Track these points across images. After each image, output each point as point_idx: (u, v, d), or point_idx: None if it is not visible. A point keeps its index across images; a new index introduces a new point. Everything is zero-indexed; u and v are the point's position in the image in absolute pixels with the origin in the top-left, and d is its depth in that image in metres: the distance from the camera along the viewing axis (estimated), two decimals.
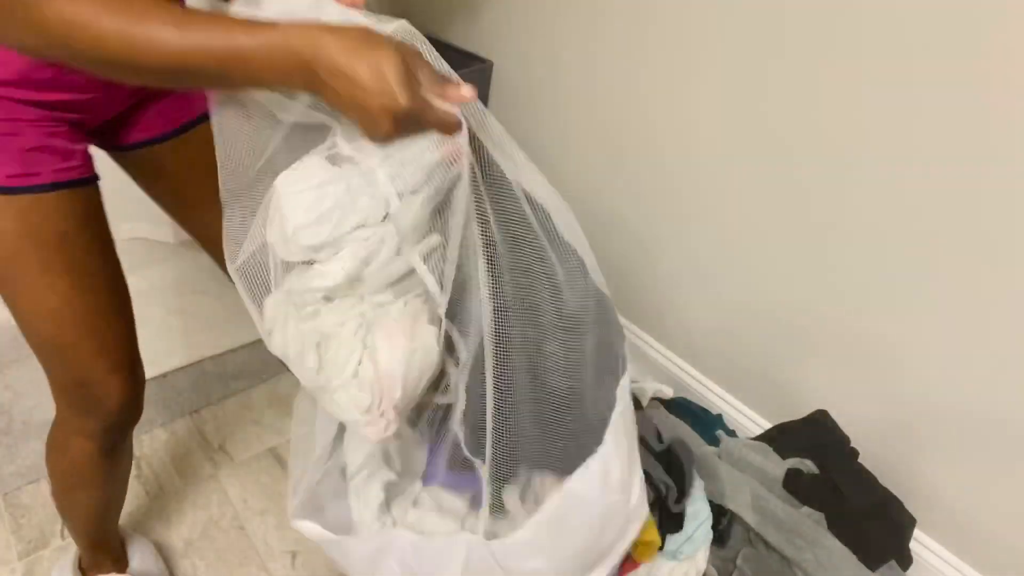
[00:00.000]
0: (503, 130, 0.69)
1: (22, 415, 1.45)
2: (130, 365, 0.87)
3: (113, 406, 0.86)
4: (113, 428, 0.90)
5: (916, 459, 1.20)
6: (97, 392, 0.84)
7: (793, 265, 1.25)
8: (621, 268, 1.61)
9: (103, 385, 0.84)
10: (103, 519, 1.07)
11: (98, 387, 0.84)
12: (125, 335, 0.87)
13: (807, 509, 1.18)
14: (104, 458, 0.93)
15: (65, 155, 0.76)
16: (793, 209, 1.21)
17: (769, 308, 1.33)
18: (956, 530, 1.19)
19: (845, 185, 1.12)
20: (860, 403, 1.25)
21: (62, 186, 0.76)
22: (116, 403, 0.86)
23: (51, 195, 0.75)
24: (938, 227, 1.04)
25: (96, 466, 0.94)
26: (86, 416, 0.88)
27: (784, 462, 1.24)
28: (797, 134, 1.15)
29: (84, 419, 0.88)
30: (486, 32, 1.66)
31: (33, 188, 0.74)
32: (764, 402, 1.44)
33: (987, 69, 0.92)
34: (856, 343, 1.21)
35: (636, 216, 1.51)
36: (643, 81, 1.36)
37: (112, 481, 1.01)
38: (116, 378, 0.85)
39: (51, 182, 0.75)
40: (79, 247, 0.78)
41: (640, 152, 1.43)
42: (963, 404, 1.10)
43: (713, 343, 1.48)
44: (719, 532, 1.14)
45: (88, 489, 0.98)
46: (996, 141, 0.94)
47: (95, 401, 0.85)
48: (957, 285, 1.04)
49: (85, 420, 0.88)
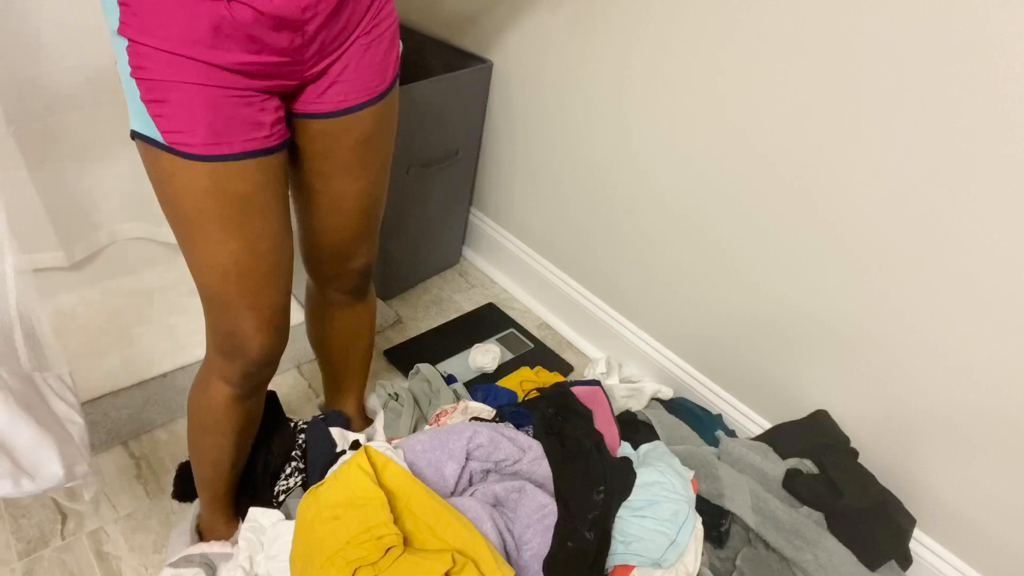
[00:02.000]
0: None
1: None
2: (277, 325, 0.96)
3: (253, 357, 0.95)
4: (250, 376, 0.98)
5: (916, 459, 1.20)
6: (241, 343, 0.93)
7: (793, 265, 1.25)
8: (621, 267, 1.61)
9: (248, 338, 0.93)
10: (227, 472, 1.13)
11: (243, 339, 0.93)
12: (278, 299, 0.94)
13: (807, 509, 1.18)
14: (237, 404, 1.02)
15: (256, 125, 0.81)
16: (793, 209, 1.21)
17: (769, 308, 1.33)
18: (956, 530, 1.19)
19: (845, 185, 1.12)
20: (860, 403, 1.25)
21: (249, 155, 0.81)
22: (256, 356, 0.95)
23: (239, 163, 0.80)
24: (938, 227, 1.04)
25: (231, 411, 1.02)
26: (228, 361, 0.96)
27: (784, 462, 1.24)
28: (797, 135, 1.15)
29: (227, 363, 0.97)
30: (486, 32, 1.66)
31: (224, 157, 0.79)
32: (764, 402, 1.44)
33: (988, 70, 0.92)
34: (856, 343, 1.21)
35: (636, 215, 1.51)
36: (642, 81, 1.36)
37: (240, 432, 1.07)
38: (261, 335, 0.93)
39: (240, 151, 0.80)
40: (256, 210, 0.85)
41: (640, 151, 1.43)
42: (963, 404, 1.10)
43: (713, 343, 1.48)
44: (719, 533, 1.14)
45: (217, 435, 1.06)
46: (996, 141, 0.94)
47: (238, 350, 0.94)
48: (957, 285, 1.04)
49: (227, 364, 0.97)
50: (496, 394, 1.37)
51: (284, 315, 0.97)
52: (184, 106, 0.76)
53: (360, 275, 1.14)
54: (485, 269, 2.02)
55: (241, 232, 0.85)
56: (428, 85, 1.53)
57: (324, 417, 1.30)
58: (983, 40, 0.91)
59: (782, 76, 1.14)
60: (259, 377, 1.01)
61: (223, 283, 0.88)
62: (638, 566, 1.02)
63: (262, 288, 0.90)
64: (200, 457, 1.12)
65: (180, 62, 0.73)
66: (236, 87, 0.78)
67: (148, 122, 0.77)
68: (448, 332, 1.78)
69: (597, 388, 1.31)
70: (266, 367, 0.99)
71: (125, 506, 1.32)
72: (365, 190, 1.01)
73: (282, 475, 1.26)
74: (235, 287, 0.88)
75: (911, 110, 1.00)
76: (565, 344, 1.80)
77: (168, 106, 0.76)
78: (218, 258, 0.85)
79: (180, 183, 0.80)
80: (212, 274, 0.87)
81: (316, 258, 1.11)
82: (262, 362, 0.97)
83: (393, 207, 1.68)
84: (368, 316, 1.28)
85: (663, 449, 1.19)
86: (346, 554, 0.88)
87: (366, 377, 1.39)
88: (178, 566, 1.09)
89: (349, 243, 1.07)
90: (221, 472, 1.13)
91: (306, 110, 0.90)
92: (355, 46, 0.87)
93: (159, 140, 0.78)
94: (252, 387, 1.02)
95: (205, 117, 0.77)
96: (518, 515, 1.02)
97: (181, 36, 0.72)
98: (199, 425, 1.07)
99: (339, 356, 1.33)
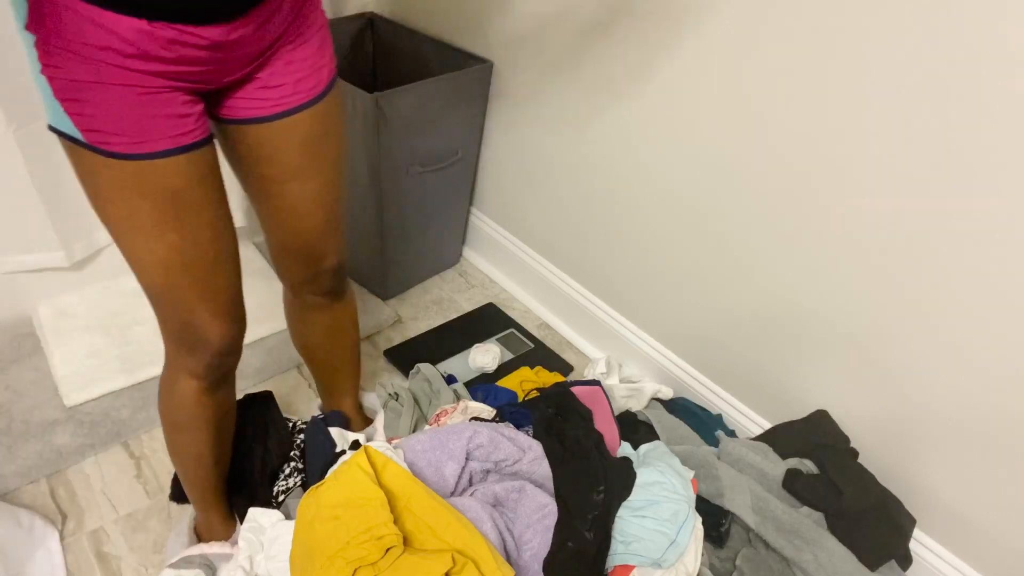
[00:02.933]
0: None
1: (22, 415, 1.45)
2: (232, 312, 0.95)
3: (214, 347, 0.94)
4: (214, 367, 0.98)
5: (916, 459, 1.20)
6: (200, 334, 0.92)
7: (793, 266, 1.25)
8: (621, 267, 1.61)
9: (205, 328, 0.92)
10: (210, 469, 1.12)
11: (201, 329, 0.92)
12: (229, 284, 0.93)
13: (807, 509, 1.18)
14: (207, 396, 1.01)
15: (179, 120, 0.78)
16: (794, 210, 1.21)
17: (769, 308, 1.33)
18: (956, 530, 1.19)
19: (847, 187, 1.12)
20: (860, 403, 1.25)
21: (175, 151, 0.79)
22: (216, 345, 0.94)
23: (166, 160, 0.78)
24: (938, 227, 1.04)
25: (201, 405, 1.02)
26: (190, 355, 0.95)
27: (784, 462, 1.24)
28: (797, 136, 1.15)
29: (188, 358, 0.96)
30: (486, 32, 1.66)
31: (148, 155, 0.77)
32: (764, 402, 1.44)
33: (987, 70, 0.92)
34: (856, 343, 1.21)
35: (636, 215, 1.51)
36: (642, 81, 1.36)
37: (215, 425, 1.07)
38: (218, 322, 0.92)
39: (164, 149, 0.78)
40: (190, 203, 0.83)
41: (639, 151, 1.43)
42: (963, 404, 1.10)
43: (713, 343, 1.48)
44: (719, 533, 1.14)
45: (194, 431, 1.05)
46: (995, 142, 0.94)
47: (198, 341, 0.93)
48: (958, 285, 1.04)
49: (189, 358, 0.96)
50: (496, 394, 1.37)
51: (238, 301, 0.97)
52: (102, 105, 0.73)
53: (333, 275, 1.13)
54: (485, 269, 2.02)
55: (178, 225, 0.83)
56: (428, 85, 1.53)
57: (323, 417, 1.30)
58: (993, 35, 0.91)
59: (786, 72, 1.13)
60: (224, 367, 1.00)
61: (168, 276, 0.86)
62: (638, 566, 1.02)
63: (211, 276, 0.89)
64: (181, 458, 1.11)
65: (95, 64, 0.71)
66: (156, 86, 0.75)
67: (65, 119, 0.74)
68: (448, 332, 1.78)
69: (597, 388, 1.31)
70: (229, 356, 0.99)
71: (125, 506, 1.32)
72: (320, 189, 1.00)
73: (281, 475, 1.26)
74: (183, 278, 0.87)
75: (918, 105, 1.00)
76: (565, 344, 1.80)
77: (86, 105, 0.73)
78: (158, 252, 0.83)
79: (107, 182, 0.78)
80: (155, 269, 0.85)
81: (286, 264, 1.11)
82: (224, 351, 0.96)
83: (393, 207, 1.68)
84: (349, 314, 1.26)
85: (663, 449, 1.19)
86: (346, 554, 0.88)
87: (358, 375, 1.39)
88: (178, 567, 1.09)
89: (315, 244, 1.06)
90: (205, 469, 1.12)
91: (242, 116, 0.89)
92: (282, 52, 0.86)
93: (80, 139, 0.75)
94: (219, 377, 1.01)
95: (127, 116, 0.74)
96: (518, 515, 1.02)
97: (97, 43, 0.69)
98: (173, 425, 1.06)
99: (326, 358, 1.32)
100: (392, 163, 1.58)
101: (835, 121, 1.09)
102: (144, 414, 1.47)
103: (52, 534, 1.24)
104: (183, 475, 1.15)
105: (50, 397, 1.49)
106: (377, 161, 1.54)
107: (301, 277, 1.12)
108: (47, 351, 1.57)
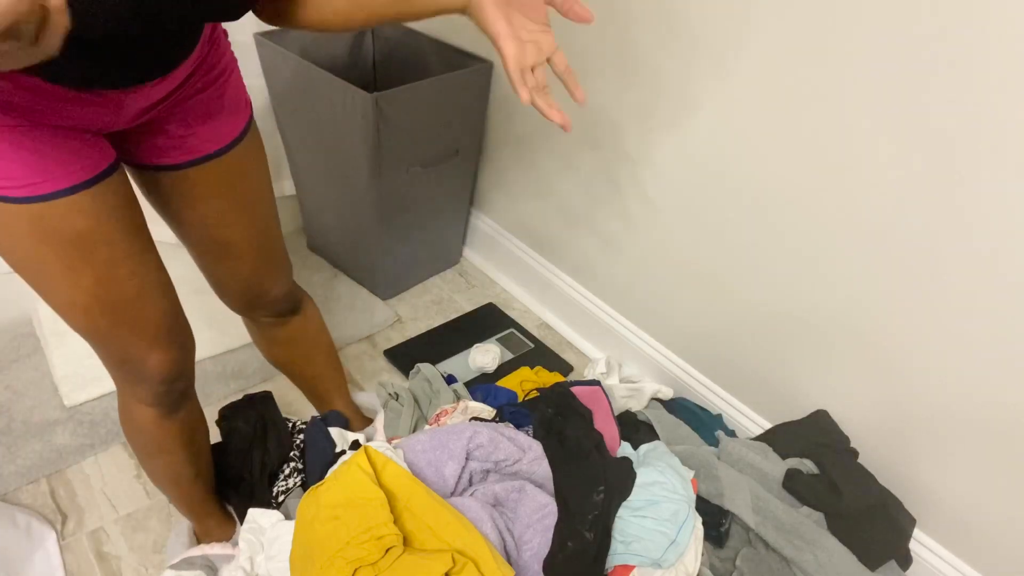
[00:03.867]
0: None
1: (22, 415, 1.45)
2: (167, 339, 0.90)
3: (156, 377, 0.91)
4: (163, 394, 0.94)
5: (916, 459, 1.20)
6: (139, 367, 0.89)
7: (793, 266, 1.25)
8: (621, 267, 1.61)
9: (143, 361, 0.88)
10: (191, 485, 1.11)
11: (139, 363, 0.88)
12: (160, 313, 0.87)
13: (807, 509, 1.18)
14: (167, 420, 0.98)
15: (79, 155, 0.73)
16: (794, 210, 1.21)
17: (769, 308, 1.33)
18: (956, 530, 1.19)
19: (846, 186, 1.12)
20: (860, 403, 1.25)
21: (78, 188, 0.73)
22: (159, 375, 0.91)
23: (67, 199, 0.72)
24: (938, 228, 1.03)
25: (163, 429, 0.99)
26: (137, 385, 0.92)
27: (784, 462, 1.24)
28: (797, 134, 1.15)
29: (135, 387, 0.93)
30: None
31: (46, 196, 0.71)
32: (764, 402, 1.44)
33: (988, 71, 0.92)
34: (856, 343, 1.21)
35: (635, 215, 1.51)
36: (642, 79, 1.36)
37: (184, 445, 1.04)
38: (155, 353, 0.88)
39: (65, 187, 0.72)
40: (100, 240, 0.77)
41: (640, 152, 1.43)
42: (963, 405, 1.10)
43: (713, 343, 1.48)
44: (719, 533, 1.14)
45: (163, 455, 1.03)
46: (995, 143, 0.94)
47: (140, 374, 0.90)
48: (957, 285, 1.04)
49: (136, 388, 0.93)
50: (496, 394, 1.37)
51: (177, 326, 0.91)
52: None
53: (281, 301, 1.10)
54: (485, 269, 2.02)
55: (89, 267, 0.77)
56: (428, 85, 1.53)
57: (323, 417, 1.30)
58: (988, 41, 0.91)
59: (784, 74, 1.13)
60: (174, 393, 0.96)
61: (91, 319, 0.81)
62: (638, 566, 1.02)
63: (138, 310, 0.84)
64: (160, 480, 1.09)
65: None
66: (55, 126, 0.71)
67: None
68: (448, 332, 1.78)
69: (597, 388, 1.31)
70: (176, 382, 0.94)
71: (125, 506, 1.32)
72: (249, 229, 0.96)
73: (281, 475, 1.26)
74: (106, 318, 0.81)
75: (916, 108, 1.00)
76: (565, 344, 1.80)
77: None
78: (75, 297, 0.78)
79: (7, 230, 0.72)
80: (76, 314, 0.80)
81: (229, 298, 1.08)
82: (169, 379, 0.92)
83: (393, 207, 1.68)
84: (311, 324, 1.22)
85: (663, 449, 1.19)
86: (346, 554, 0.88)
87: (342, 376, 1.37)
88: (179, 568, 1.09)
89: (253, 281, 1.04)
90: (185, 488, 1.10)
91: (152, 162, 0.85)
92: (190, 100, 0.82)
93: None
94: (172, 402, 0.97)
95: (20, 154, 0.68)
96: (518, 515, 1.02)
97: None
98: (142, 451, 1.04)
99: (302, 370, 1.30)
100: (392, 163, 1.58)
101: (835, 121, 1.09)
102: None
103: (49, 535, 1.24)
104: (167, 495, 1.13)
105: (50, 397, 1.49)
106: (377, 161, 1.54)
107: (246, 307, 1.10)
108: (47, 351, 1.57)
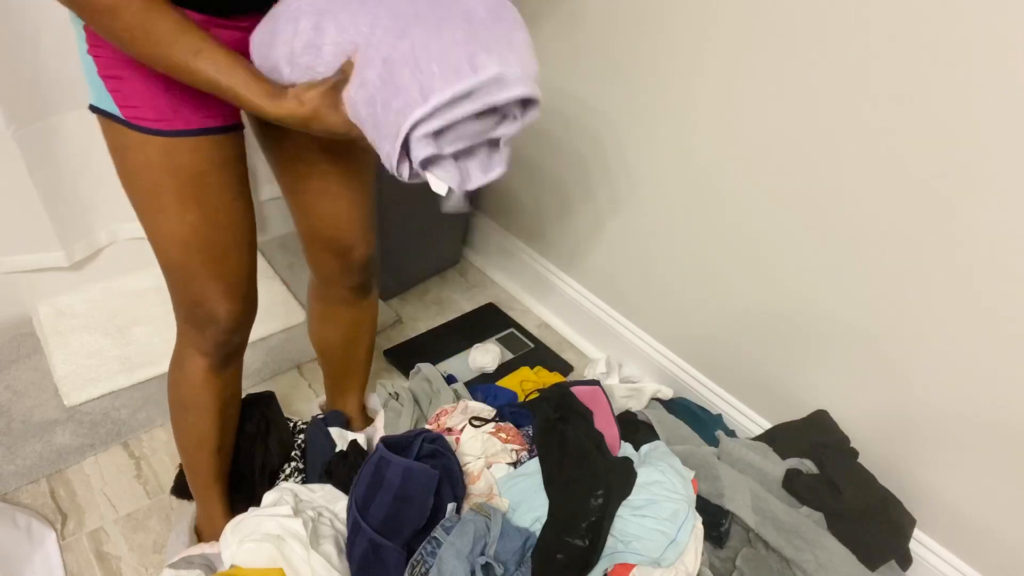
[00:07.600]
0: None
1: (22, 415, 1.45)
2: (242, 293, 0.99)
3: (222, 324, 0.98)
4: (221, 344, 1.02)
5: (916, 459, 1.20)
6: (211, 311, 0.97)
7: (793, 266, 1.25)
8: (621, 266, 1.61)
9: (216, 307, 0.96)
10: (211, 456, 1.14)
11: (211, 308, 0.96)
12: (242, 267, 0.98)
13: (807, 509, 1.18)
14: (213, 375, 1.05)
15: (206, 104, 0.82)
16: (793, 211, 1.21)
17: (769, 309, 1.33)
18: (956, 530, 1.19)
19: (845, 187, 1.12)
20: (860, 403, 1.25)
21: (204, 132, 0.84)
22: (224, 322, 0.98)
23: (193, 139, 0.84)
24: (938, 228, 1.04)
25: (208, 383, 1.05)
26: (200, 331, 1.00)
27: (784, 462, 1.24)
28: (798, 134, 1.15)
29: (198, 334, 1.00)
30: None
31: (179, 132, 0.82)
32: (764, 402, 1.44)
33: (987, 72, 0.92)
34: (856, 343, 1.21)
35: (635, 214, 1.51)
36: (641, 78, 1.36)
37: (220, 409, 1.09)
38: (228, 301, 0.97)
39: (195, 128, 0.83)
40: (213, 185, 0.88)
41: (641, 152, 1.43)
42: (963, 404, 1.10)
43: (713, 343, 1.48)
44: (719, 533, 1.14)
45: (198, 410, 1.08)
46: (995, 143, 0.94)
47: (207, 319, 0.97)
48: (958, 285, 1.04)
49: (199, 335, 1.00)
50: (496, 394, 1.37)
51: (250, 284, 1.01)
52: (141, 82, 0.79)
53: (362, 269, 1.15)
54: (485, 269, 2.02)
55: (199, 205, 0.88)
56: None
57: (324, 417, 1.31)
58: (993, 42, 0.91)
59: (785, 73, 1.13)
60: (231, 345, 1.04)
61: (185, 254, 0.91)
62: (638, 564, 1.02)
63: (225, 257, 0.94)
64: (184, 438, 1.13)
65: None
66: None
67: (106, 97, 0.81)
68: (448, 332, 1.78)
69: (597, 388, 1.31)
70: (236, 334, 1.03)
71: (125, 506, 1.32)
72: (347, 173, 1.03)
73: (281, 475, 1.26)
74: (197, 257, 0.91)
75: (917, 108, 1.00)
76: (565, 344, 1.80)
77: (125, 82, 0.79)
78: (178, 230, 0.88)
79: (137, 157, 0.84)
80: (173, 246, 0.90)
81: (316, 252, 1.13)
82: (231, 328, 1.00)
83: (393, 207, 1.67)
84: (371, 314, 1.28)
85: (663, 449, 1.19)
86: None
87: (367, 377, 1.39)
88: (178, 567, 1.09)
89: (343, 230, 1.08)
90: (208, 454, 1.13)
91: None
92: None
93: (117, 114, 0.81)
94: (226, 356, 1.05)
95: (161, 93, 0.80)
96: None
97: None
98: (179, 403, 1.09)
99: (341, 355, 1.33)
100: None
101: (835, 122, 1.09)
102: (144, 414, 1.47)
103: (49, 535, 1.24)
104: (187, 460, 1.16)
105: (50, 397, 1.49)
106: (377, 161, 1.54)
107: (332, 268, 1.14)
108: (47, 351, 1.57)
